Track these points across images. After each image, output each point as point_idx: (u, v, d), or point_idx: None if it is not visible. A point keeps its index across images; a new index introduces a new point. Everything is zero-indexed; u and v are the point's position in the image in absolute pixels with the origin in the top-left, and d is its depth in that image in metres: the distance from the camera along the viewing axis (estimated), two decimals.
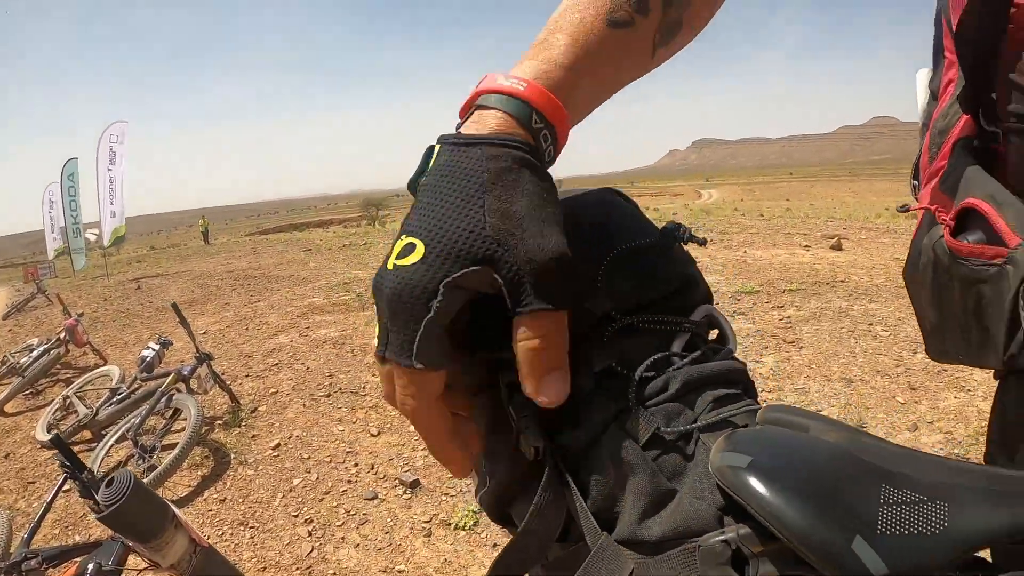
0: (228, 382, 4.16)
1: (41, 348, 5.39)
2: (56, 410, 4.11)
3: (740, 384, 0.48)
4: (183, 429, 3.22)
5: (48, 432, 3.89)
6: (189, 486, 3.17)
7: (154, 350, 3.98)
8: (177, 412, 3.39)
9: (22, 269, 17.94)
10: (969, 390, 3.80)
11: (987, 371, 0.74)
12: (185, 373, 3.53)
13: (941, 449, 3.13)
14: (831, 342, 4.72)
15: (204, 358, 3.67)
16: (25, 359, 5.27)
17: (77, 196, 17.67)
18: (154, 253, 29.80)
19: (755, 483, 0.35)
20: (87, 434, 3.81)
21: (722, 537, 0.37)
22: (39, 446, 3.84)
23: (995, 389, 0.72)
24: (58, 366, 5.61)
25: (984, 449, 0.79)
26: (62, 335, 5.49)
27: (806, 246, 8.73)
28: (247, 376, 4.68)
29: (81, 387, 4.27)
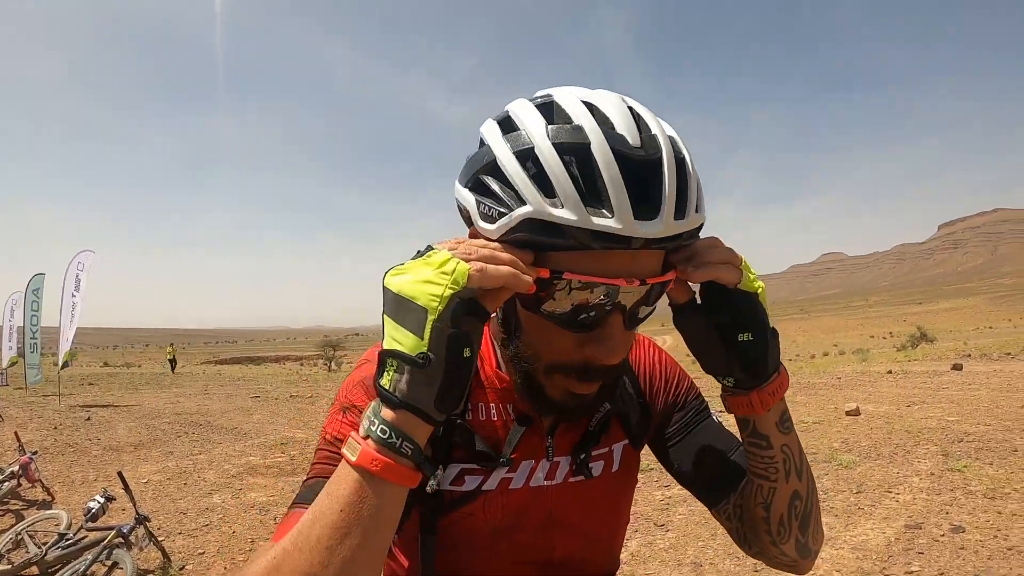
0: (162, 538, 4.90)
1: None
2: (8, 542, 4.80)
3: None
4: None
5: None
6: None
7: (99, 503, 4.59)
8: (116, 564, 4.12)
9: None
10: (811, 571, 4.44)
11: (834, 549, 1.30)
12: (125, 531, 4.22)
13: None
14: (697, 524, 5.24)
15: (142, 519, 4.37)
16: None
17: (39, 312, 18.31)
18: (107, 373, 29.92)
19: None
20: (34, 570, 4.50)
21: None
22: None
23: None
24: (8, 496, 6.25)
25: None
26: (16, 469, 6.17)
27: (719, 410, 9.75)
28: (180, 533, 5.35)
29: (32, 524, 4.96)
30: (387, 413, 0.67)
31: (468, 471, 0.89)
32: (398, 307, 0.66)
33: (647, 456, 1.11)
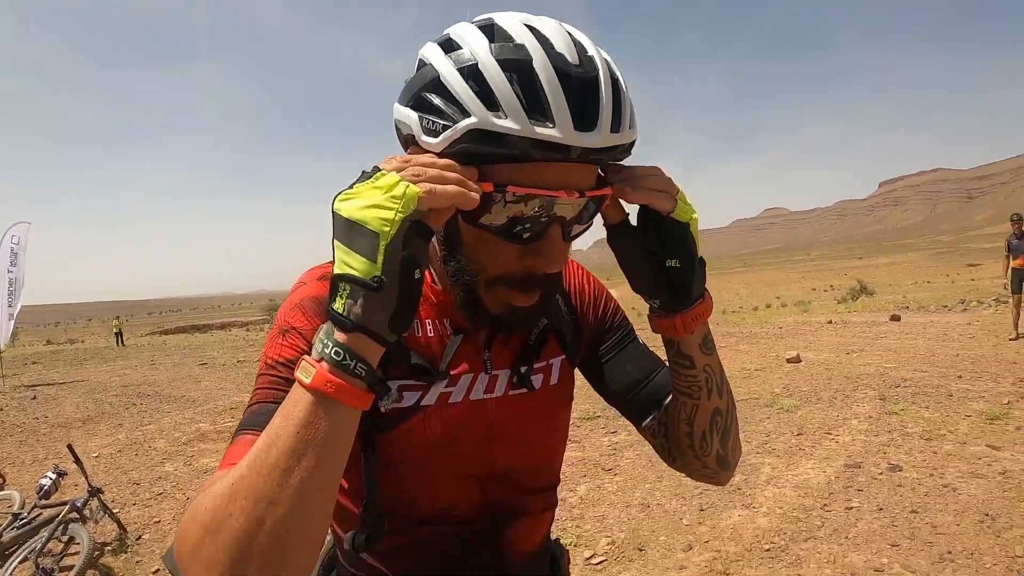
0: (116, 509, 4.84)
1: None
2: None
3: None
4: (78, 553, 3.92)
5: None
6: None
7: (51, 479, 4.51)
8: (72, 539, 4.05)
9: None
10: (754, 507, 4.49)
11: (776, 488, 1.31)
12: (79, 505, 4.16)
13: (707, 567, 3.79)
14: (644, 468, 5.41)
15: (95, 492, 4.30)
16: None
17: None
18: (51, 351, 29.05)
19: None
20: None
21: None
22: None
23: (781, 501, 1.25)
24: None
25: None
26: None
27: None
28: (134, 504, 5.30)
29: None
30: (340, 336, 0.68)
31: (406, 387, 0.90)
32: (349, 232, 0.68)
33: (595, 403, 1.16)
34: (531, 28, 0.76)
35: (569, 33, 0.77)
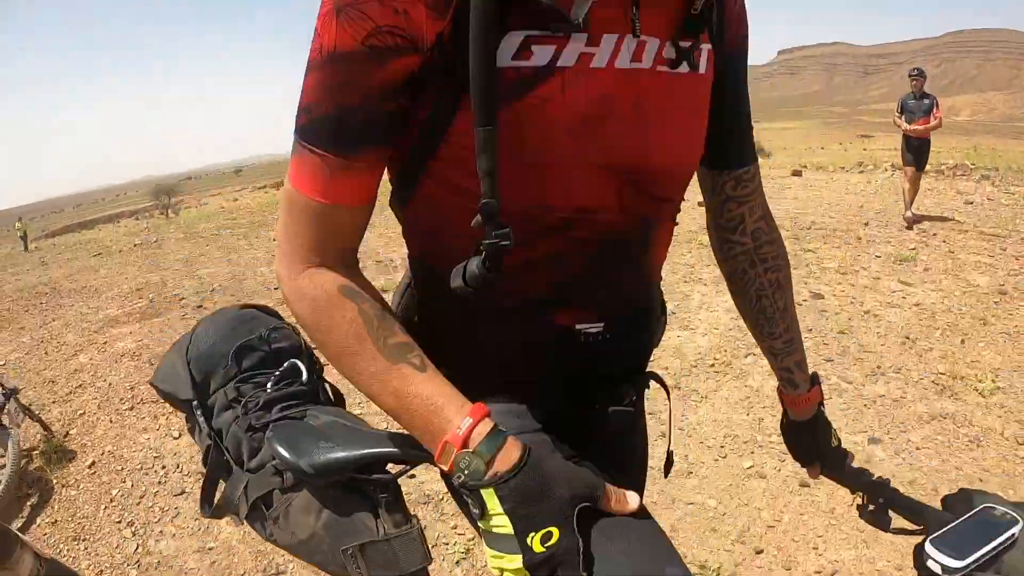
0: (37, 411, 4.22)
1: None
2: None
3: (302, 398, 0.93)
4: (3, 465, 3.39)
5: None
6: (21, 517, 3.26)
7: None
8: None
9: None
10: (692, 328, 4.75)
11: (709, 312, 3.72)
12: None
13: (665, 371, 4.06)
14: None
15: (10, 393, 3.76)
16: None
17: None
18: None
19: (275, 443, 0.83)
20: None
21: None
22: None
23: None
24: None
25: None
26: None
27: None
28: (54, 402, 4.68)
29: None
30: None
31: (535, 39, 0.64)
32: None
33: None
34: None
35: None
